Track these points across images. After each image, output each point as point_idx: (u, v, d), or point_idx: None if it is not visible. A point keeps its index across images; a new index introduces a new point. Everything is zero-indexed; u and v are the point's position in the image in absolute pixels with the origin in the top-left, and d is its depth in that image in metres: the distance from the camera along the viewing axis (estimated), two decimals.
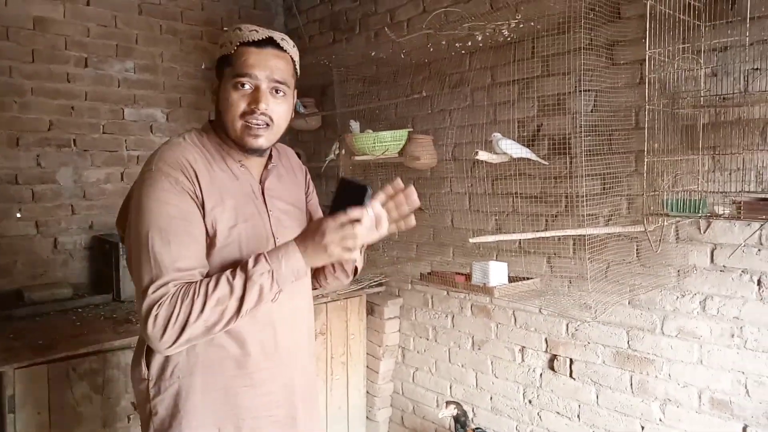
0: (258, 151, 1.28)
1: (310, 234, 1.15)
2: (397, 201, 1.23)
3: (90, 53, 2.96)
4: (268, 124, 1.23)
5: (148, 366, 1.26)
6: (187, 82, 3.31)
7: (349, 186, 1.16)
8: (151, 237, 1.14)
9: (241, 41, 1.21)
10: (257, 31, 1.22)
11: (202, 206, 1.20)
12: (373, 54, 2.83)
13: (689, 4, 1.71)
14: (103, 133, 3.02)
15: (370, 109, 2.98)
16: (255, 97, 1.20)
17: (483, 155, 2.11)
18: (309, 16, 3.56)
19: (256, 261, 1.13)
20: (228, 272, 1.14)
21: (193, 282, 1.14)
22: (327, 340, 2.84)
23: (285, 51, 1.25)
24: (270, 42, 1.23)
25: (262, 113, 1.20)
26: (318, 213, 1.54)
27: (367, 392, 3.08)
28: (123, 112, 3.09)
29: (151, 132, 3.19)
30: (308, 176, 1.54)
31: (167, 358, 1.24)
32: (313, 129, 3.38)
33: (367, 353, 3.05)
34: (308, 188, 1.52)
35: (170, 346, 1.13)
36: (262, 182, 1.34)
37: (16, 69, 2.74)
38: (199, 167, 1.22)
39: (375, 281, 2.99)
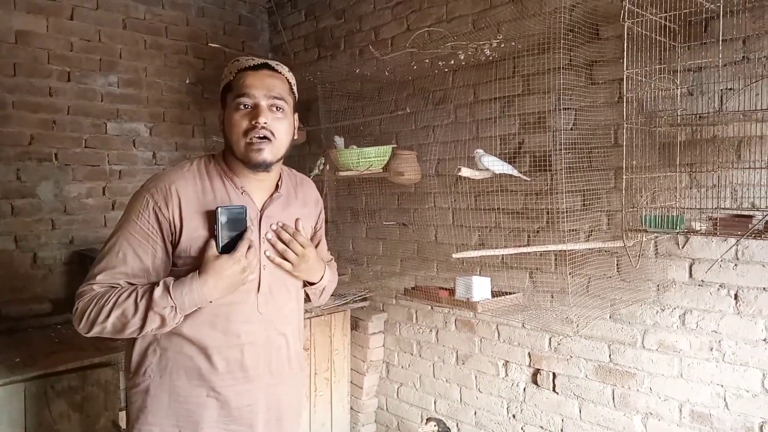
0: (263, 166, 1.32)
1: (212, 274, 1.24)
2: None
3: (73, 67, 2.94)
4: (269, 139, 1.29)
5: (129, 360, 1.35)
6: (171, 96, 3.30)
7: (226, 212, 1.26)
8: (112, 241, 1.29)
9: (239, 69, 1.32)
10: (253, 59, 1.33)
11: (180, 231, 1.28)
12: (357, 71, 2.86)
13: (665, 25, 1.76)
14: (86, 147, 2.99)
15: (355, 125, 3.00)
16: (255, 113, 1.28)
17: (466, 172, 2.13)
18: (294, 33, 3.59)
19: (162, 294, 1.22)
20: (140, 290, 1.23)
21: (115, 287, 1.24)
22: (311, 355, 2.82)
23: (280, 72, 1.34)
24: (265, 66, 1.33)
25: (263, 127, 1.28)
26: (323, 248, 1.59)
27: (351, 408, 3.06)
28: (106, 126, 3.06)
29: (134, 146, 3.17)
30: (322, 213, 1.59)
31: (142, 357, 1.32)
32: (298, 144, 3.39)
33: (351, 369, 3.04)
34: (318, 223, 1.56)
35: (85, 334, 1.26)
36: (262, 210, 1.37)
37: None
38: (188, 193, 1.30)
39: (359, 296, 2.98)
